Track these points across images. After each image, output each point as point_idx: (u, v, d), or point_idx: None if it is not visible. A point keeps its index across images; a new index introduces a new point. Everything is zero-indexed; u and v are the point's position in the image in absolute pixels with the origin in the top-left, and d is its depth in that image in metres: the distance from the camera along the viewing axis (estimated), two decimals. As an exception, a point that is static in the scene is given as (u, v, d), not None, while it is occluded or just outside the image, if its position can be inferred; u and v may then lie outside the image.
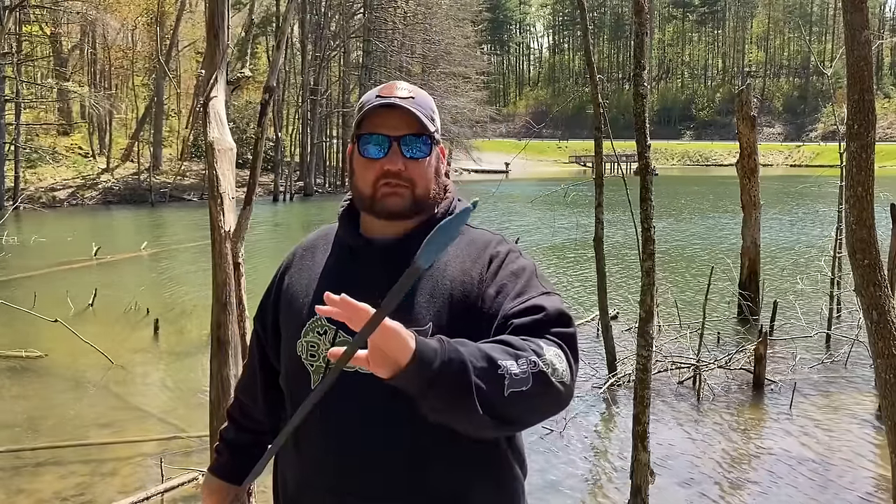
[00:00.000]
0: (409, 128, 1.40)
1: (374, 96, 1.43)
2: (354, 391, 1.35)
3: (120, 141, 36.80)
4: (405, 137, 1.40)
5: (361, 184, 1.43)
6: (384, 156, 1.40)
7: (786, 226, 19.87)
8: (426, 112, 1.42)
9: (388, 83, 1.46)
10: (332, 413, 1.36)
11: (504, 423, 1.17)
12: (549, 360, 1.18)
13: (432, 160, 1.45)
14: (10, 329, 9.08)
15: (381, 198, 1.41)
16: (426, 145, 1.43)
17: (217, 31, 3.99)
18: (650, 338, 4.07)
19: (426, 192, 1.43)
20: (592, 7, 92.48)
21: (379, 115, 1.40)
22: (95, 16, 31.85)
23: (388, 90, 1.43)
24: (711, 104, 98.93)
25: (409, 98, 1.41)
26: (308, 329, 1.43)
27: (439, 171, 1.48)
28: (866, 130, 3.20)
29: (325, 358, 1.40)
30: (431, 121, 1.43)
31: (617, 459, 5.28)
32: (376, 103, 1.40)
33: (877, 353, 3.29)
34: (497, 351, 1.15)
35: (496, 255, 1.41)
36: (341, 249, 1.51)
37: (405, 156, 1.40)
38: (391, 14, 43.17)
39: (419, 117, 1.40)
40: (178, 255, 16.26)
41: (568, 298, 10.76)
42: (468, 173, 52.75)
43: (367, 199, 1.43)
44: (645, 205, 3.99)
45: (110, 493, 4.69)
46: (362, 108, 1.43)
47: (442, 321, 1.35)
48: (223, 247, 3.75)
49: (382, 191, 1.41)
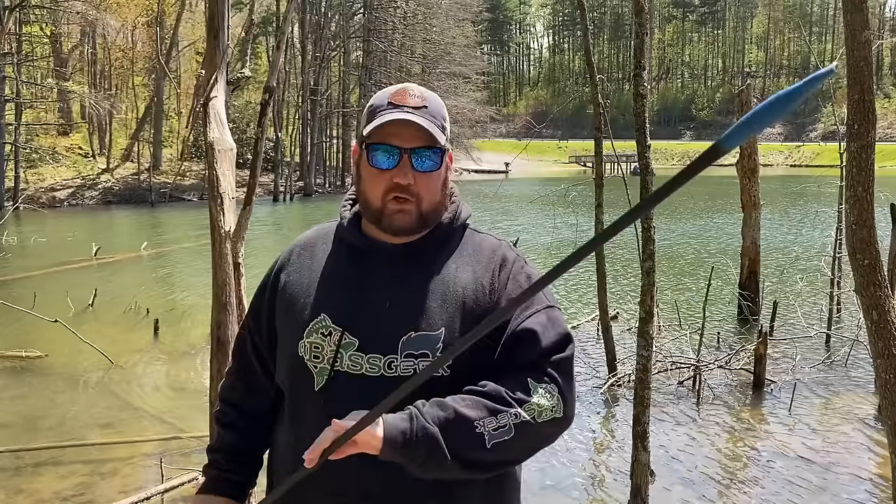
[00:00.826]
0: (420, 140, 1.38)
1: (387, 102, 1.39)
2: (354, 393, 1.34)
3: (120, 141, 36.82)
4: (416, 150, 1.38)
5: (370, 194, 1.41)
6: (394, 167, 1.37)
7: (786, 226, 19.87)
8: (438, 122, 1.40)
9: (400, 88, 1.42)
10: (333, 415, 1.33)
11: (497, 466, 1.32)
12: (534, 404, 1.29)
13: (442, 172, 1.43)
14: (10, 329, 9.08)
15: (389, 214, 1.39)
16: (437, 157, 1.40)
17: (217, 31, 3.99)
18: (650, 338, 4.07)
19: (432, 207, 1.41)
20: (592, 7, 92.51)
21: (391, 125, 1.37)
22: (95, 16, 31.83)
23: (400, 97, 1.39)
24: (711, 104, 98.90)
25: (423, 107, 1.38)
26: (311, 330, 1.40)
27: (447, 181, 1.46)
28: (866, 130, 3.20)
29: (329, 360, 1.37)
30: (443, 130, 1.41)
31: (617, 459, 5.28)
32: (389, 116, 1.36)
33: (877, 353, 3.29)
34: (476, 408, 1.27)
35: (504, 262, 1.43)
36: (345, 250, 1.47)
37: (415, 169, 1.38)
38: (391, 14, 43.18)
39: (431, 132, 1.37)
40: (178, 256, 16.26)
41: (568, 298, 10.76)
42: (468, 173, 52.73)
43: (374, 212, 1.41)
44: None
45: (110, 493, 4.69)
46: (373, 113, 1.39)
47: (454, 327, 1.36)
48: (223, 247, 3.76)
49: (390, 207, 1.38)
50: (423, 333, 1.35)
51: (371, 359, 1.35)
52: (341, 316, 1.38)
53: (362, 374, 1.34)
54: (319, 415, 1.34)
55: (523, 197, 31.22)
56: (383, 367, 1.34)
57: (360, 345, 1.35)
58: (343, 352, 1.35)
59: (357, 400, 1.31)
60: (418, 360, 1.34)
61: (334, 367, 1.36)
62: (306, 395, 1.40)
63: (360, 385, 1.34)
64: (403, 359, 1.34)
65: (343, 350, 1.35)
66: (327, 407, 1.34)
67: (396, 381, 1.28)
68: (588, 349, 7.96)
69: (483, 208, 26.80)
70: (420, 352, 1.34)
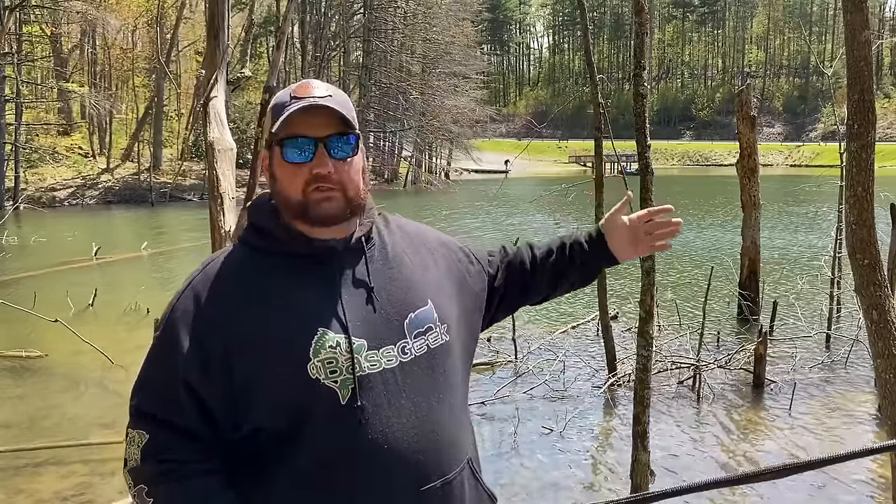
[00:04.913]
0: (333, 127, 1.35)
1: (290, 97, 1.35)
2: (381, 389, 1.34)
3: (120, 141, 36.81)
4: (331, 138, 1.35)
5: (289, 191, 1.36)
6: (311, 159, 1.34)
7: (786, 226, 19.87)
8: (347, 110, 1.37)
9: (300, 82, 1.38)
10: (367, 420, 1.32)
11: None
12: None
13: (359, 158, 1.41)
14: (10, 329, 9.08)
15: (314, 204, 1.35)
16: (351, 144, 1.38)
17: (217, 31, 4.00)
18: (650, 338, 4.07)
19: (356, 193, 1.39)
20: (592, 7, 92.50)
21: (299, 116, 1.33)
22: (95, 16, 31.84)
23: (303, 90, 1.35)
24: (711, 104, 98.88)
25: (328, 97, 1.35)
26: (317, 348, 1.31)
27: (365, 170, 1.44)
28: (866, 130, 3.20)
29: (348, 369, 1.31)
30: (353, 119, 1.38)
31: (617, 459, 5.28)
32: (296, 106, 1.33)
33: (877, 353, 3.29)
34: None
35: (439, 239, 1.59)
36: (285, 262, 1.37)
37: (333, 157, 1.35)
38: (391, 14, 43.18)
39: (343, 115, 1.35)
40: (178, 256, 16.26)
41: (568, 298, 10.76)
42: (468, 173, 52.74)
43: (297, 206, 1.36)
44: (645, 205, 3.99)
45: (110, 493, 4.69)
46: (279, 110, 1.35)
47: (438, 299, 1.46)
48: (223, 246, 3.76)
49: (313, 196, 1.35)
50: (420, 310, 1.41)
51: (385, 351, 1.36)
52: (339, 322, 1.34)
53: (383, 369, 1.35)
54: (351, 427, 1.31)
55: (523, 197, 31.21)
56: (398, 354, 1.37)
57: (369, 344, 1.35)
58: (357, 356, 1.34)
59: (386, 394, 1.34)
60: (427, 335, 1.41)
61: (356, 374, 1.33)
62: (333, 413, 1.31)
63: (384, 379, 1.35)
64: (414, 339, 1.39)
65: (357, 354, 1.34)
66: (360, 414, 1.32)
67: (414, 364, 1.38)
68: (588, 349, 7.97)
69: (484, 208, 26.81)
70: (426, 327, 1.41)
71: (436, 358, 1.41)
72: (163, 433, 1.32)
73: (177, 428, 1.32)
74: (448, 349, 1.44)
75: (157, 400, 1.33)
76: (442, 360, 1.42)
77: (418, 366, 1.39)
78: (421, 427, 1.36)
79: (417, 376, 1.38)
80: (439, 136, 44.29)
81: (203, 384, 1.31)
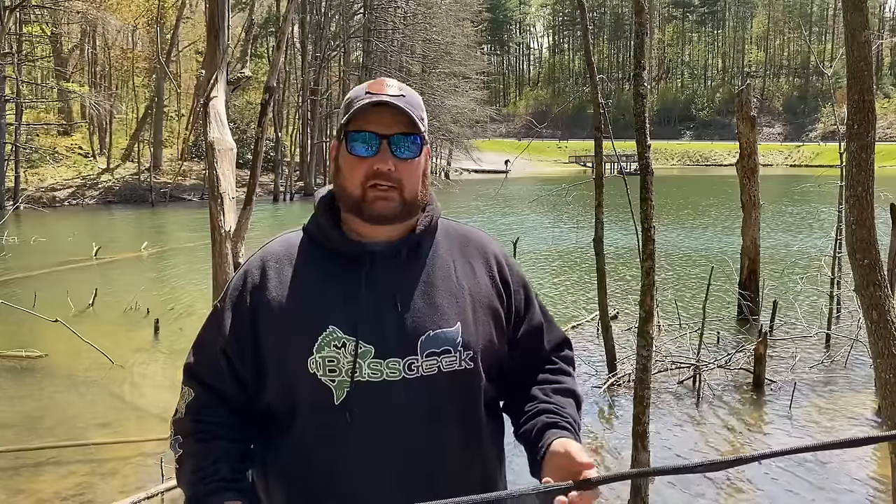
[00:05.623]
0: (399, 126, 1.37)
1: (364, 92, 1.38)
2: (378, 400, 1.33)
3: (120, 141, 36.82)
4: (395, 136, 1.36)
5: (349, 183, 1.38)
6: (374, 154, 1.36)
7: (786, 226, 19.87)
8: (416, 111, 1.38)
9: (377, 79, 1.41)
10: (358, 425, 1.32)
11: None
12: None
13: (421, 161, 1.41)
14: (10, 329, 9.08)
15: (371, 202, 1.36)
16: (416, 145, 1.38)
17: (217, 31, 4.00)
18: (650, 338, 4.07)
19: (414, 195, 1.39)
20: (592, 7, 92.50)
21: (369, 112, 1.35)
22: (96, 16, 31.84)
23: (378, 87, 1.38)
24: (711, 104, 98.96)
25: (400, 96, 1.37)
26: (322, 344, 1.33)
27: (426, 173, 1.44)
28: (866, 130, 3.20)
29: (347, 371, 1.32)
30: (421, 120, 1.39)
31: (617, 459, 5.28)
32: (367, 101, 1.35)
33: (877, 353, 3.29)
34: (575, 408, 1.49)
35: (496, 255, 1.50)
36: (328, 256, 1.41)
37: (395, 155, 1.36)
38: (391, 14, 43.16)
39: (410, 115, 1.36)
40: (178, 255, 16.26)
41: (568, 298, 10.77)
42: (468, 173, 52.72)
43: (354, 201, 1.38)
44: (645, 205, 3.99)
45: (110, 493, 4.69)
46: (351, 104, 1.38)
47: (468, 320, 1.39)
48: (223, 247, 3.76)
49: (371, 194, 1.36)
50: (441, 331, 1.36)
51: (390, 363, 1.33)
52: (351, 324, 1.34)
53: (383, 380, 1.33)
54: (339, 429, 1.33)
55: (523, 197, 31.21)
56: (403, 369, 1.34)
57: (376, 351, 1.33)
58: (361, 361, 1.32)
59: (381, 406, 1.32)
60: (441, 357, 1.35)
61: (354, 378, 1.32)
62: (324, 411, 1.34)
63: (383, 391, 1.33)
64: (425, 358, 1.35)
65: (361, 359, 1.32)
66: (352, 418, 1.32)
67: (418, 383, 1.33)
68: (588, 349, 7.97)
69: (484, 208, 26.81)
70: (442, 349, 1.36)
71: (447, 382, 1.36)
72: (206, 395, 1.42)
73: (218, 392, 1.42)
74: (468, 377, 1.38)
75: (205, 364, 1.43)
76: (455, 387, 1.37)
77: (425, 386, 1.34)
78: (411, 449, 1.34)
79: (421, 397, 1.34)
80: (439, 136, 44.29)
81: (238, 357, 1.40)
